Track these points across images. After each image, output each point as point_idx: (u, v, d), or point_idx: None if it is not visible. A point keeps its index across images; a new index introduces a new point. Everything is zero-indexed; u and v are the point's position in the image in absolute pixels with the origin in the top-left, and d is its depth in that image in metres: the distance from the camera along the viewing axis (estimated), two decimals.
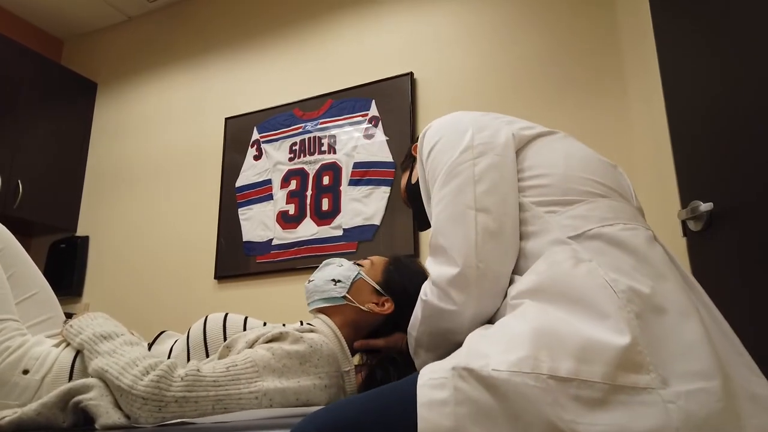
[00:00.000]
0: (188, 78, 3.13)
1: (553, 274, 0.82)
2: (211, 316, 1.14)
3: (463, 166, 0.95)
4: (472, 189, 0.92)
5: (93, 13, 3.36)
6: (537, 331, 0.75)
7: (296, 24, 2.90)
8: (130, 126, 3.23)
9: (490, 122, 1.02)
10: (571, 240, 0.85)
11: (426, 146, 1.05)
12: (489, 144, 0.97)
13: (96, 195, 3.20)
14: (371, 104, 2.55)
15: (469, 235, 0.89)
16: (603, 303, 0.75)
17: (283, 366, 0.97)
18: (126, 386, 0.88)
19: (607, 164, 1.01)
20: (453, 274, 0.88)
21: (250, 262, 2.61)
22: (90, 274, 3.05)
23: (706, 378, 0.70)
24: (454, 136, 1.00)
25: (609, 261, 0.81)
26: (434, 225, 0.94)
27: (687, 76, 1.58)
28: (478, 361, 0.74)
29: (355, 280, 1.24)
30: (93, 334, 1.01)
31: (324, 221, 2.50)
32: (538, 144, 1.01)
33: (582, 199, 0.91)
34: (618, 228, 0.86)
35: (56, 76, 3.22)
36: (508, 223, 0.91)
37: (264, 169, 2.72)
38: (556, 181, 0.93)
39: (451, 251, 0.89)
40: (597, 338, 0.72)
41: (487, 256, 0.88)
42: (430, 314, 0.94)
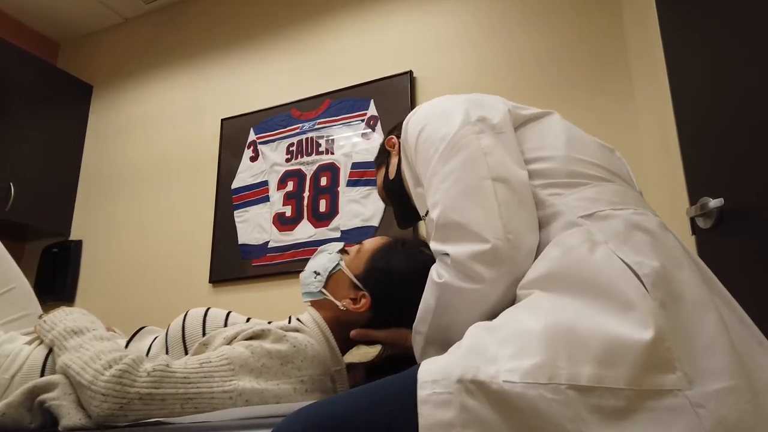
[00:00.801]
0: (184, 79, 3.09)
1: (568, 260, 0.74)
2: (192, 311, 1.07)
3: (467, 138, 0.87)
4: (484, 160, 0.84)
5: (89, 15, 3.33)
6: (553, 329, 0.67)
7: (294, 24, 2.87)
8: (125, 128, 3.19)
9: (483, 98, 0.97)
10: (584, 219, 0.79)
11: (412, 132, 0.97)
12: (487, 120, 0.90)
13: (90, 198, 3.15)
14: (370, 104, 2.50)
15: (491, 206, 0.80)
16: (626, 291, 0.68)
17: (262, 366, 0.89)
18: (86, 382, 0.81)
19: (606, 148, 0.96)
20: (479, 249, 0.79)
21: (245, 266, 2.55)
22: (83, 278, 2.99)
23: (731, 375, 0.64)
24: (446, 114, 0.93)
25: (627, 242, 0.74)
26: (444, 203, 0.84)
27: (694, 72, 1.54)
28: (487, 369, 0.65)
29: (333, 271, 1.12)
30: (64, 329, 0.95)
31: (321, 223, 2.44)
32: (537, 125, 0.95)
33: (587, 182, 0.85)
34: (629, 212, 0.80)
35: (51, 79, 3.18)
36: (528, 193, 0.84)
37: (260, 171, 2.66)
38: (559, 164, 0.87)
39: (472, 226, 0.80)
40: (620, 335, 0.65)
41: (516, 227, 0.79)
42: (449, 299, 0.84)
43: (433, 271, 0.88)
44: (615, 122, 2.08)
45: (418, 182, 0.98)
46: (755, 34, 1.25)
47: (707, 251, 1.49)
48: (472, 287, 0.80)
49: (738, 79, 1.33)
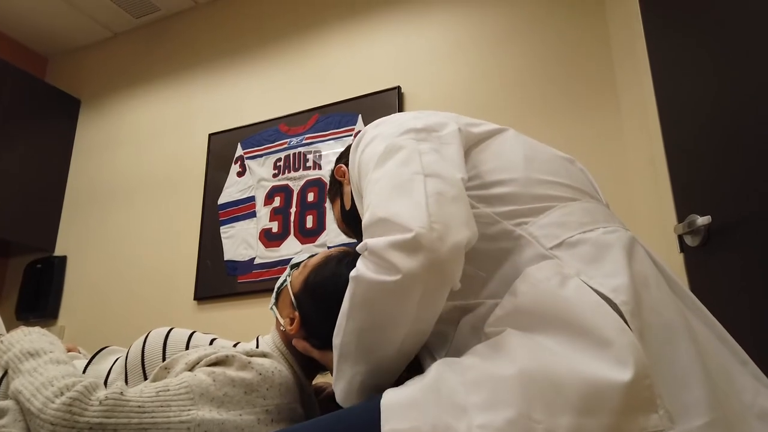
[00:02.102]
0: (172, 94, 3.08)
1: (537, 295, 0.70)
2: (153, 331, 1.02)
3: (405, 142, 0.81)
4: (418, 159, 0.77)
5: (79, 29, 3.31)
6: (526, 376, 0.62)
7: (282, 39, 2.86)
8: (112, 143, 3.16)
9: (432, 113, 0.91)
10: (553, 251, 0.74)
11: (354, 152, 0.92)
12: (431, 131, 0.84)
13: (76, 213, 3.11)
14: (358, 119, 2.49)
15: (419, 198, 0.72)
16: (601, 326, 0.64)
17: (224, 395, 0.83)
18: (35, 409, 0.76)
19: (566, 160, 0.91)
20: (398, 237, 0.70)
21: (231, 282, 2.51)
22: (67, 295, 2.94)
23: (709, 409, 0.61)
24: (391, 127, 0.87)
25: (600, 268, 0.70)
26: (373, 202, 0.76)
27: (680, 88, 1.54)
28: (457, 426, 0.60)
29: (281, 288, 1.05)
30: (20, 351, 0.89)
31: (308, 239, 2.41)
32: (491, 145, 0.89)
33: (552, 204, 0.80)
34: (599, 232, 0.76)
35: (39, 93, 3.15)
36: (462, 191, 0.76)
37: (247, 186, 2.64)
38: (520, 187, 0.82)
39: (395, 218, 0.72)
40: (599, 378, 0.61)
41: (445, 219, 0.71)
42: (362, 295, 0.74)
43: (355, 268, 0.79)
44: (602, 139, 2.07)
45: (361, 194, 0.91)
46: (742, 52, 1.24)
47: (695, 268, 1.47)
48: (387, 279, 0.70)
49: (725, 96, 1.32)
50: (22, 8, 3.13)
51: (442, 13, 2.52)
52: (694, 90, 1.46)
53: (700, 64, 1.43)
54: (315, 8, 2.83)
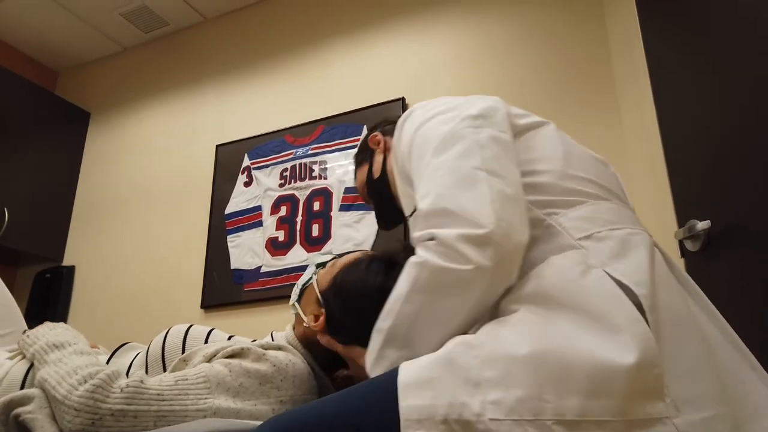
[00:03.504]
0: (180, 106, 3.13)
1: (559, 281, 0.72)
2: (174, 327, 1.05)
3: (465, 131, 0.83)
4: (479, 153, 0.80)
5: (89, 44, 3.38)
6: (539, 356, 0.64)
7: (288, 51, 2.92)
8: (121, 155, 3.21)
9: (482, 98, 0.93)
10: (581, 242, 0.76)
11: (408, 130, 0.93)
12: (487, 117, 0.86)
13: (84, 224, 3.15)
14: (362, 130, 2.53)
15: (484, 195, 0.75)
16: (615, 314, 0.66)
17: (239, 385, 0.87)
18: (60, 396, 0.80)
19: (600, 162, 0.94)
20: (471, 231, 0.73)
21: (238, 291, 2.53)
22: (75, 304, 2.97)
23: (715, 403, 0.63)
24: (445, 112, 0.89)
25: (624, 262, 0.72)
26: (435, 191, 0.79)
27: (679, 94, 1.56)
28: (472, 404, 0.63)
29: (305, 286, 1.08)
30: (45, 343, 0.93)
31: (314, 247, 2.44)
32: (534, 136, 0.91)
33: (583, 200, 0.82)
34: (625, 231, 0.78)
35: (49, 105, 3.21)
36: (521, 192, 0.79)
37: (254, 196, 2.67)
38: (554, 179, 0.84)
39: (463, 213, 0.74)
40: (607, 360, 0.63)
41: (508, 217, 0.74)
42: (426, 280, 0.76)
43: (411, 258, 0.80)
44: (602, 146, 2.10)
45: (407, 181, 0.93)
46: (741, 59, 1.26)
47: (696, 273, 1.48)
48: (457, 267, 0.73)
49: (724, 102, 1.34)
50: (34, 24, 3.20)
51: (444, 26, 2.57)
52: (693, 95, 1.48)
53: (699, 73, 1.45)
54: (320, 22, 2.88)
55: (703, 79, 1.43)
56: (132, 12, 3.12)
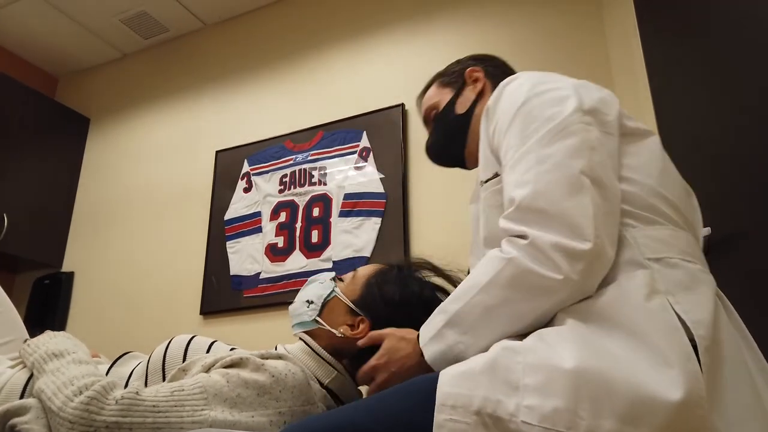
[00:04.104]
0: (180, 113, 3.13)
1: (622, 302, 0.70)
2: (176, 337, 1.04)
3: (577, 126, 0.79)
4: (588, 155, 0.77)
5: (89, 50, 3.39)
6: (583, 373, 0.63)
7: (287, 58, 2.92)
8: (121, 161, 3.21)
9: (597, 88, 0.89)
10: (651, 262, 0.74)
11: (512, 100, 0.87)
12: (598, 114, 0.82)
13: (84, 230, 3.15)
14: (362, 135, 2.53)
15: (587, 206, 0.73)
16: (670, 347, 0.64)
17: (237, 396, 0.85)
18: (56, 408, 0.79)
19: (686, 190, 0.89)
20: (567, 242, 0.71)
21: (237, 297, 2.53)
22: (74, 310, 2.96)
23: None
24: (557, 94, 0.85)
25: (690, 297, 0.70)
26: (536, 186, 0.76)
27: (678, 96, 1.56)
28: (507, 403, 0.63)
29: (328, 299, 1.07)
30: (45, 352, 0.93)
31: (313, 253, 2.44)
32: (637, 142, 0.86)
33: (663, 222, 0.78)
34: (697, 268, 0.76)
35: (49, 112, 3.21)
36: (617, 206, 0.77)
37: (254, 202, 2.67)
38: (644, 193, 0.80)
39: (563, 218, 0.73)
40: (651, 392, 0.61)
41: (604, 234, 0.72)
42: (511, 278, 0.75)
43: (495, 251, 0.80)
44: None
45: (493, 150, 0.90)
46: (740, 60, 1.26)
47: None
48: (545, 274, 0.72)
49: (723, 104, 1.34)
50: (34, 30, 3.21)
51: (444, 32, 2.58)
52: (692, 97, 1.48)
53: (697, 71, 1.45)
54: (320, 28, 2.89)
55: (701, 80, 1.43)
56: (132, 18, 3.13)
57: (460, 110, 1.14)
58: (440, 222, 2.28)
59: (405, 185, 2.37)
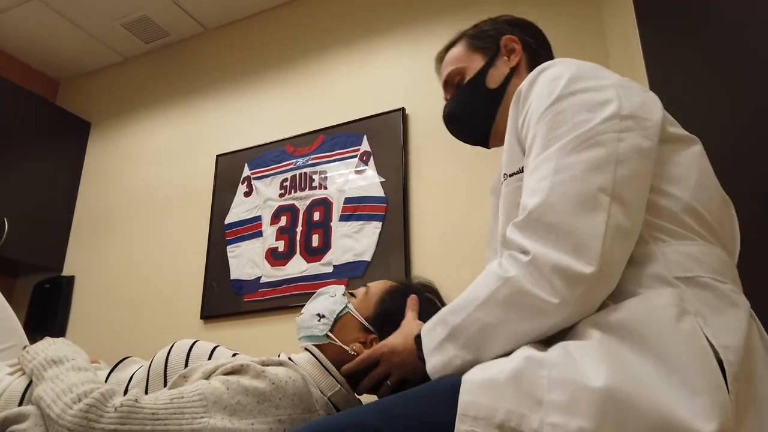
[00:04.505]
0: (181, 117, 3.13)
1: (650, 320, 0.66)
2: (178, 342, 1.04)
3: (606, 136, 0.74)
4: (613, 169, 0.71)
5: (90, 54, 3.39)
6: (610, 393, 0.61)
7: (288, 62, 2.93)
8: (122, 164, 3.21)
9: (639, 91, 0.81)
10: (679, 282, 0.69)
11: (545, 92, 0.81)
12: (639, 119, 0.76)
13: (84, 234, 3.15)
14: (363, 139, 2.53)
15: (599, 227, 0.69)
16: (698, 374, 0.61)
17: (236, 403, 0.84)
18: (55, 415, 0.78)
19: (725, 203, 0.84)
20: (568, 264, 0.68)
21: (237, 301, 2.53)
22: (74, 315, 2.96)
23: None
24: (596, 96, 0.78)
25: (720, 320, 0.66)
26: (548, 197, 0.73)
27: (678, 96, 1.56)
28: (531, 419, 0.61)
29: (340, 314, 1.08)
30: (44, 358, 0.92)
31: (314, 258, 2.44)
32: (677, 150, 0.81)
33: (694, 238, 0.74)
34: (728, 288, 0.71)
35: (50, 115, 3.21)
36: (638, 225, 0.72)
37: (254, 206, 2.67)
38: (677, 207, 0.75)
39: (570, 237, 0.70)
40: (678, 420, 0.59)
41: (613, 259, 0.68)
42: (508, 298, 0.72)
43: (495, 264, 0.77)
44: None
45: (518, 139, 0.86)
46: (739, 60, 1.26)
47: None
48: (541, 296, 0.70)
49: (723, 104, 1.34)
50: (35, 34, 3.21)
51: (444, 36, 2.57)
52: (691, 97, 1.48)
53: (696, 71, 1.45)
54: (320, 32, 2.90)
55: (701, 81, 1.43)
56: (133, 22, 3.14)
57: (491, 84, 1.05)
58: (441, 226, 2.28)
59: (405, 189, 2.37)
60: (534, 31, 1.19)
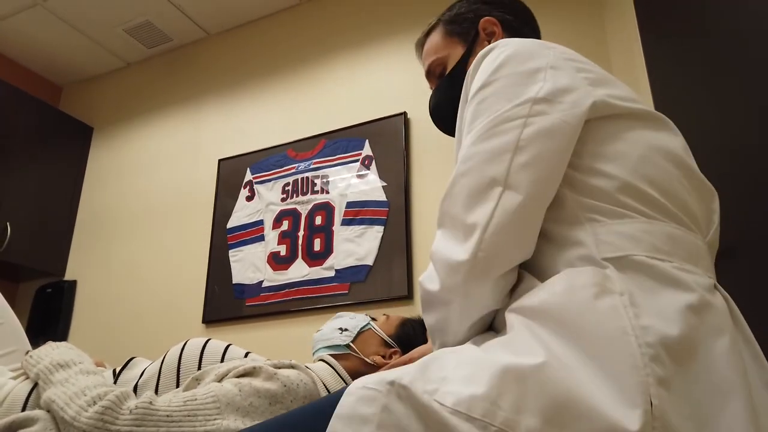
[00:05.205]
0: (183, 121, 3.14)
1: (567, 300, 0.64)
2: (191, 340, 1.07)
3: (511, 123, 0.73)
4: (509, 158, 0.71)
5: (92, 59, 3.41)
6: (512, 367, 0.59)
7: (290, 67, 2.94)
8: (124, 169, 3.22)
9: (571, 75, 0.78)
10: (607, 262, 0.67)
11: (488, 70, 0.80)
12: (555, 102, 0.74)
13: (86, 239, 3.15)
14: (365, 144, 2.54)
15: (483, 217, 0.70)
16: (614, 355, 0.58)
17: (249, 405, 0.87)
18: (69, 418, 0.80)
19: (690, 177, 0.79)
20: (448, 254, 0.71)
21: (239, 305, 2.53)
22: (76, 319, 2.96)
23: None
24: (520, 77, 0.77)
25: (649, 300, 0.63)
26: (450, 182, 0.75)
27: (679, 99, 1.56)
28: (427, 384, 0.60)
29: (362, 330, 1.18)
30: (50, 362, 0.93)
31: (316, 262, 2.44)
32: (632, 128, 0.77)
33: (634, 216, 0.71)
34: (669, 266, 0.66)
35: (52, 121, 3.23)
36: (535, 209, 0.71)
37: (256, 210, 2.68)
38: (613, 185, 0.72)
39: (454, 227, 0.72)
40: (586, 398, 0.55)
41: (491, 247, 0.68)
42: (421, 298, 0.77)
43: None
44: None
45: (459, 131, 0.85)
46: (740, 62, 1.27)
47: None
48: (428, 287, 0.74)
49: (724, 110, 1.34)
50: (38, 39, 3.23)
51: None
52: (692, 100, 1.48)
53: (697, 74, 1.45)
54: (322, 37, 2.91)
55: (702, 82, 1.43)
56: (136, 28, 3.15)
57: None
58: None
59: (407, 193, 2.38)
60: (515, 6, 1.12)
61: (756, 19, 1.20)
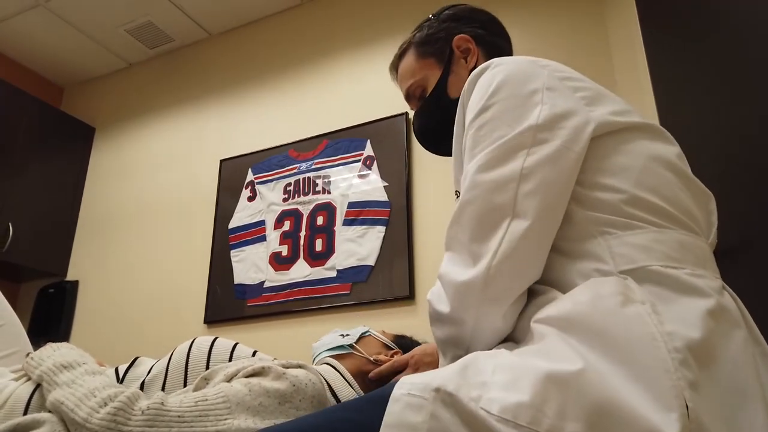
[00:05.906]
0: (185, 122, 3.15)
1: (594, 309, 0.65)
2: (199, 339, 1.07)
3: (516, 153, 0.75)
4: (515, 187, 0.73)
5: (94, 60, 3.41)
6: (553, 374, 0.60)
7: (291, 67, 2.94)
8: (126, 170, 3.23)
9: (567, 96, 0.79)
10: (624, 275, 0.69)
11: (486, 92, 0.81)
12: (556, 128, 0.75)
13: (88, 239, 3.16)
14: (366, 144, 2.54)
15: (493, 241, 0.72)
16: (645, 360, 0.60)
17: (259, 404, 0.87)
18: (81, 419, 0.80)
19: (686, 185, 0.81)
20: (456, 277, 0.74)
21: (241, 306, 2.53)
22: (78, 319, 2.97)
23: None
24: (518, 100, 0.78)
25: (671, 308, 0.65)
26: (458, 209, 0.78)
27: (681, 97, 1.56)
28: (471, 390, 0.61)
29: (363, 335, 1.22)
30: (53, 364, 0.93)
31: (317, 262, 2.44)
32: (632, 140, 0.79)
33: (644, 226, 0.72)
34: (683, 272, 0.68)
35: (54, 121, 3.23)
36: (543, 236, 0.74)
37: (258, 210, 2.68)
38: (620, 198, 0.74)
39: (466, 255, 0.74)
40: (625, 404, 0.57)
41: (503, 269, 0.71)
42: (430, 315, 0.80)
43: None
44: None
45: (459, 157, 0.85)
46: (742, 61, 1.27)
47: None
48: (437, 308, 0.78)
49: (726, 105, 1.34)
50: (40, 40, 3.24)
51: None
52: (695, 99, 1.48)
53: (699, 72, 1.45)
54: (323, 37, 2.91)
55: (703, 82, 1.43)
56: (137, 28, 3.15)
57: (454, 93, 1.00)
58: (444, 230, 2.27)
59: (409, 193, 2.37)
60: (483, 19, 1.12)
61: (757, 12, 1.20)
